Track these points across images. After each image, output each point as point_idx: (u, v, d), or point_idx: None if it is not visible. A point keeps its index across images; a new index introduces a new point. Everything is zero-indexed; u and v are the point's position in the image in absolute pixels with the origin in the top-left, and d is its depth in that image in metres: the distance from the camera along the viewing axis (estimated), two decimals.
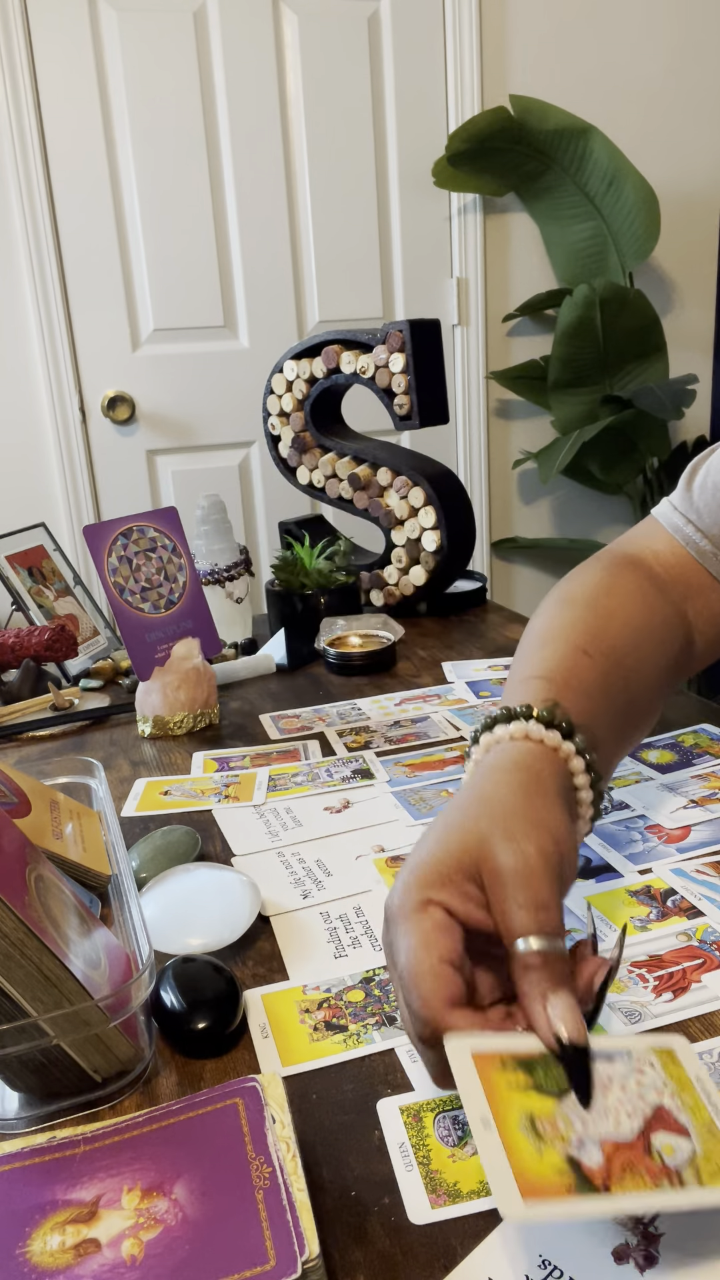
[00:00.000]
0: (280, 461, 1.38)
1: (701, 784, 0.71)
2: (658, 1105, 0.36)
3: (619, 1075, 0.37)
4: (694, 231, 2.49)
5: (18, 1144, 0.40)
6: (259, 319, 2.28)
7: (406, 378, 1.19)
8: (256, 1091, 0.41)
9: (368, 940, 0.56)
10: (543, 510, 2.60)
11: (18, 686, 1.02)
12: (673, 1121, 0.35)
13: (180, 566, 0.97)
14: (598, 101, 2.32)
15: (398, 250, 2.34)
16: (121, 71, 2.07)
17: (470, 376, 2.43)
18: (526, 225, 2.37)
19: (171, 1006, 0.48)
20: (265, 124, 2.18)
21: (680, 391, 2.08)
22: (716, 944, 0.52)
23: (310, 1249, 0.34)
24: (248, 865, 0.66)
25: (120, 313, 2.19)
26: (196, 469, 2.32)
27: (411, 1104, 0.43)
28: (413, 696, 0.96)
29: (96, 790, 0.70)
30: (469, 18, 2.21)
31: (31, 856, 0.49)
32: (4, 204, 2.06)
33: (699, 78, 2.40)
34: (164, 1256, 0.34)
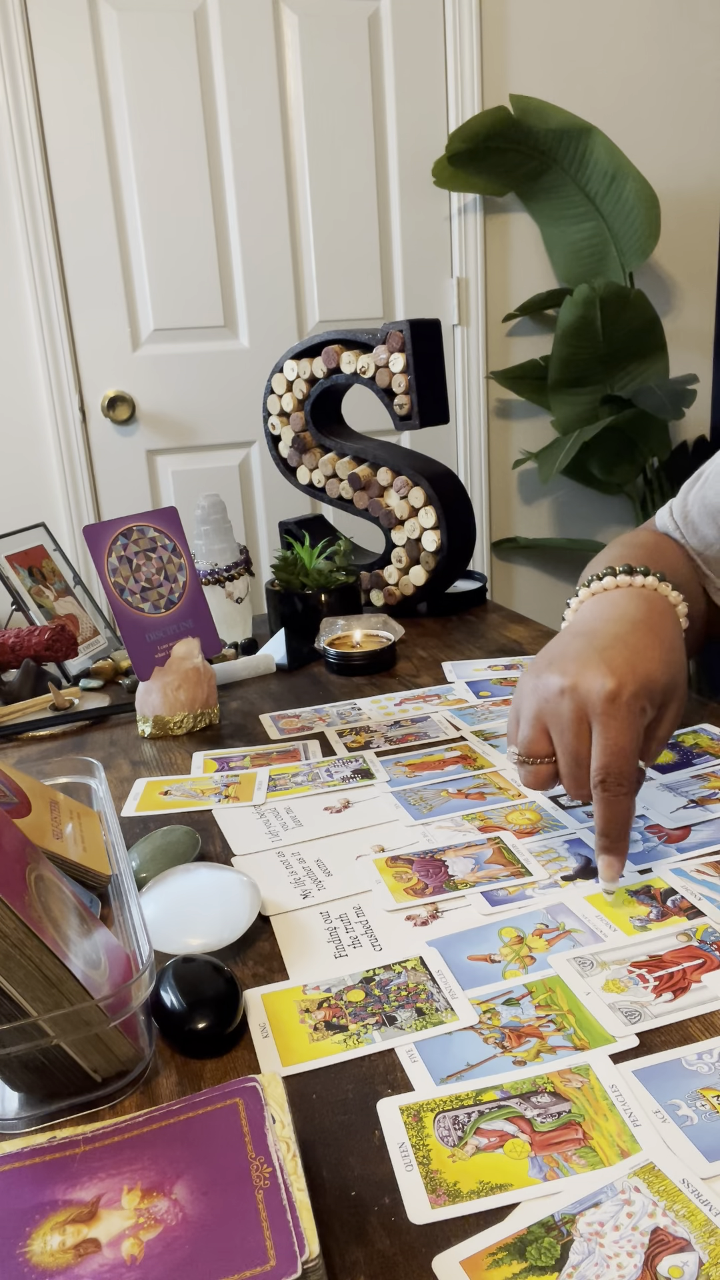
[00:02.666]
0: (280, 461, 1.38)
1: (701, 784, 0.71)
2: (654, 1228, 0.36)
3: (609, 1218, 0.36)
4: (694, 231, 2.49)
5: (18, 1144, 0.40)
6: (259, 319, 2.28)
7: (407, 378, 1.19)
8: (256, 1091, 0.41)
9: (368, 940, 0.56)
10: (543, 510, 2.60)
11: (18, 686, 1.02)
12: (672, 1239, 0.35)
13: (180, 566, 0.97)
14: (598, 101, 2.32)
15: (398, 250, 2.34)
16: (121, 71, 2.07)
17: (470, 376, 2.43)
18: (526, 225, 2.37)
19: (171, 1006, 0.48)
20: (265, 124, 2.18)
21: (680, 391, 2.08)
22: (716, 944, 0.52)
23: (310, 1249, 0.34)
24: (248, 865, 0.66)
25: (120, 313, 2.19)
26: (196, 469, 2.32)
27: (411, 1104, 0.43)
28: (413, 696, 0.96)
29: (96, 790, 0.70)
30: (469, 18, 2.21)
31: (31, 856, 0.49)
32: (4, 204, 2.06)
33: (699, 78, 2.40)
34: (164, 1256, 0.34)
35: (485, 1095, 0.43)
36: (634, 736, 0.55)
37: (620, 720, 0.54)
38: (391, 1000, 0.50)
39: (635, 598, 0.63)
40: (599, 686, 0.55)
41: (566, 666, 0.57)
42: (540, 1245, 0.36)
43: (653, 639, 0.59)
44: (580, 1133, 0.41)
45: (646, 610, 0.62)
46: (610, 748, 0.54)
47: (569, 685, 0.56)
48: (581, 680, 0.56)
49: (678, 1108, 0.41)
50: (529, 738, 0.59)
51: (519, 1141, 0.40)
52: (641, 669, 0.56)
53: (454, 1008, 0.49)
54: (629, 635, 0.59)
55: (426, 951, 0.54)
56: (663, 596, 0.64)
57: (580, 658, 0.57)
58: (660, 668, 0.57)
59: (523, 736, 0.59)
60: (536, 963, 0.52)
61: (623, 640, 0.58)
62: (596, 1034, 0.46)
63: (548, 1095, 0.43)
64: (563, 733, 0.57)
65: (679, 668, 0.59)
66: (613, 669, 0.56)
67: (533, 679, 0.59)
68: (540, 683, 0.58)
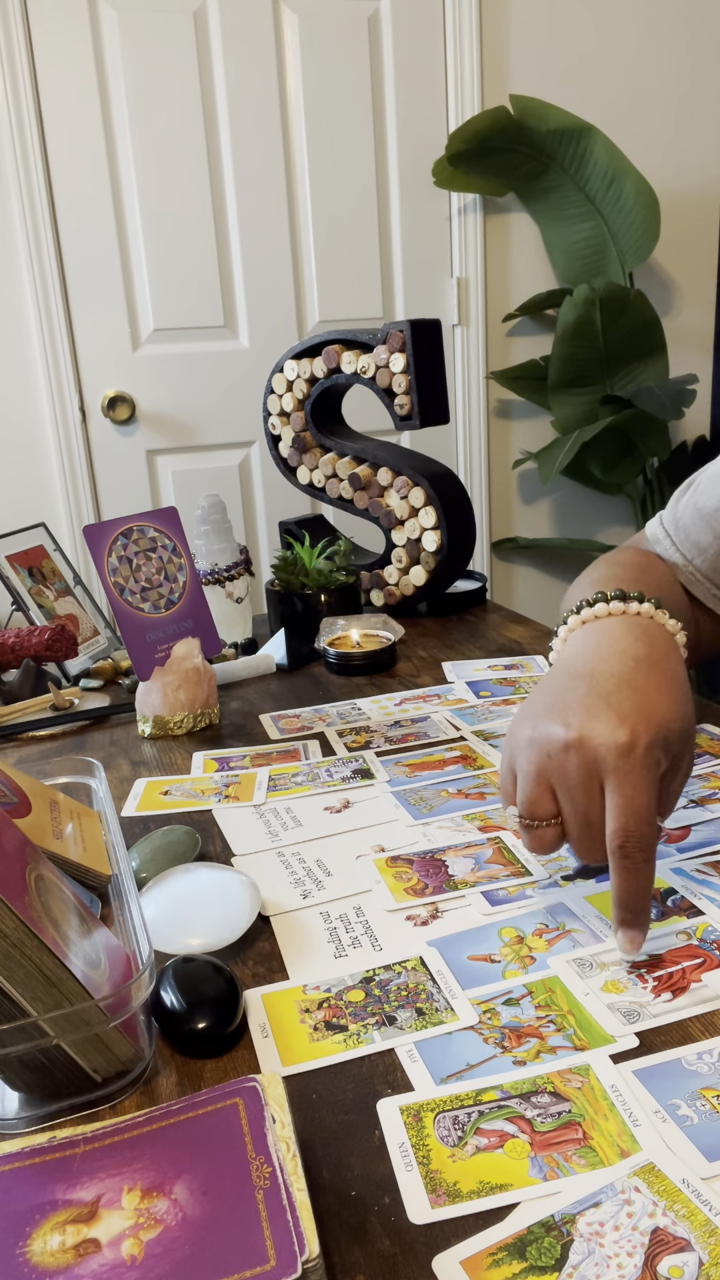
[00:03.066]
0: (280, 461, 1.38)
1: (701, 784, 0.71)
2: (654, 1228, 0.36)
3: (609, 1217, 0.36)
4: (694, 231, 2.49)
5: (18, 1144, 0.40)
6: (259, 319, 2.28)
7: (407, 378, 1.19)
8: (256, 1091, 0.41)
9: (367, 940, 0.56)
10: (543, 510, 2.60)
11: (18, 686, 1.02)
12: (672, 1239, 0.35)
13: (180, 566, 0.97)
14: (598, 101, 2.32)
15: (398, 250, 2.34)
16: (121, 71, 2.07)
17: (470, 376, 2.43)
18: (526, 225, 2.37)
19: (171, 1006, 0.48)
20: (265, 124, 2.18)
21: (680, 391, 2.08)
22: (716, 943, 0.52)
23: (310, 1249, 0.34)
24: (248, 865, 0.66)
25: (120, 313, 2.19)
26: (196, 469, 2.32)
27: (411, 1104, 0.43)
28: (413, 696, 0.96)
29: (96, 790, 0.70)
30: (469, 18, 2.21)
31: (31, 856, 0.49)
32: (4, 204, 2.06)
33: (699, 78, 2.40)
34: (164, 1256, 0.34)
35: (485, 1095, 0.43)
36: (652, 794, 0.49)
37: (637, 776, 0.48)
38: (391, 1000, 0.50)
39: (633, 629, 0.57)
40: (611, 739, 0.49)
41: (569, 716, 0.51)
42: (540, 1245, 0.36)
43: (660, 678, 0.53)
44: (580, 1133, 0.41)
45: (649, 644, 0.55)
46: (628, 809, 0.48)
47: (574, 739, 0.50)
48: (589, 732, 0.50)
49: (678, 1108, 0.41)
50: (531, 798, 0.52)
51: (519, 1141, 0.40)
52: (655, 716, 0.50)
53: (454, 1008, 0.49)
54: (634, 676, 0.52)
55: (426, 951, 0.54)
56: (661, 626, 0.57)
57: (584, 705, 0.51)
58: (674, 712, 0.51)
59: (524, 796, 0.52)
60: (536, 963, 0.52)
61: (629, 683, 0.52)
62: (596, 1034, 0.46)
63: (548, 1095, 0.43)
64: (572, 793, 0.50)
65: (690, 710, 0.53)
66: (624, 718, 0.49)
67: (529, 728, 0.53)
68: (540, 734, 0.51)
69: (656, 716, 0.50)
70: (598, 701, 0.51)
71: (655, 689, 0.52)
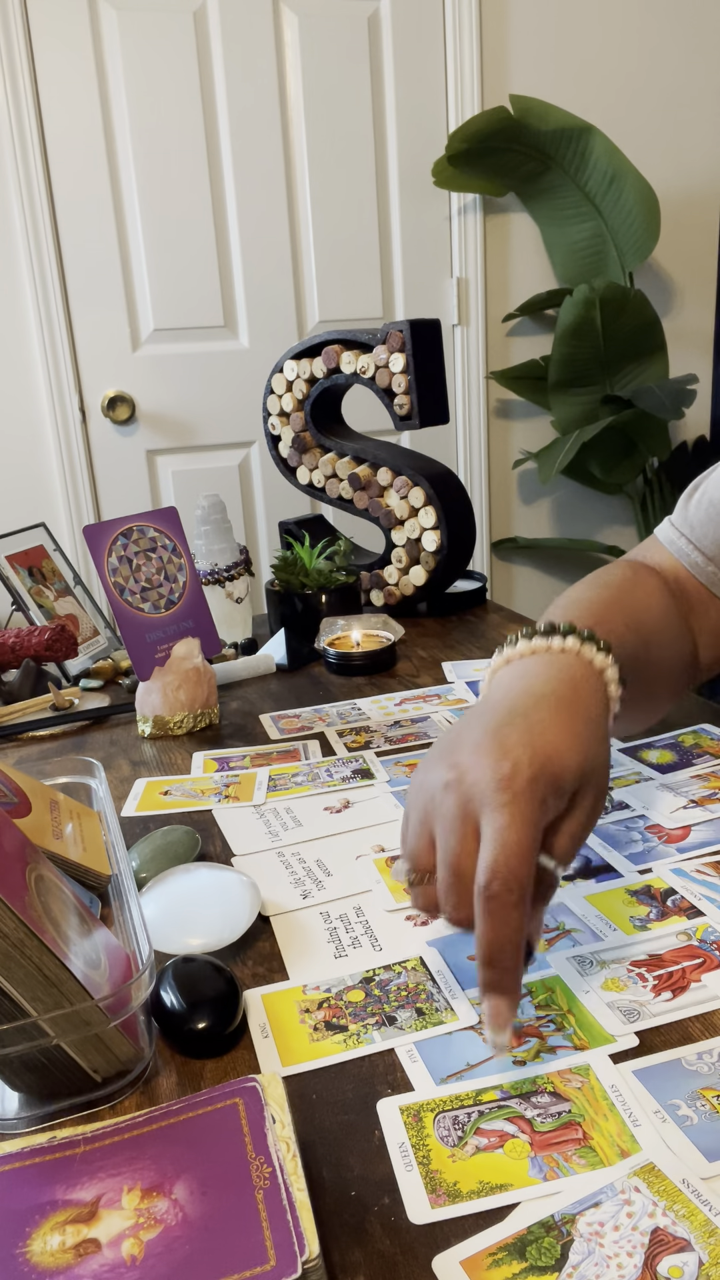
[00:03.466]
0: (280, 461, 1.38)
1: (701, 784, 0.71)
2: (654, 1228, 0.36)
3: (609, 1217, 0.36)
4: (694, 231, 2.49)
5: (18, 1144, 0.40)
6: (259, 319, 2.28)
7: (407, 378, 1.19)
8: (256, 1091, 0.41)
9: (367, 940, 0.56)
10: (543, 510, 2.60)
11: (18, 686, 1.02)
12: (672, 1239, 0.35)
13: (180, 566, 0.97)
14: (598, 101, 2.32)
15: (398, 250, 2.34)
16: (121, 71, 2.07)
17: (470, 376, 2.43)
18: (526, 225, 2.37)
19: (171, 1006, 0.48)
20: (265, 124, 2.18)
21: (680, 391, 2.08)
22: (716, 944, 0.52)
23: (310, 1249, 0.34)
24: (248, 865, 0.66)
25: (120, 313, 2.19)
26: (196, 469, 2.32)
27: (411, 1104, 0.43)
28: (413, 696, 0.96)
29: (96, 790, 0.70)
30: (469, 18, 2.21)
31: (31, 856, 0.49)
32: (4, 204, 2.06)
33: (699, 78, 2.40)
34: (164, 1256, 0.34)
35: (485, 1095, 0.43)
36: (530, 831, 0.43)
37: (513, 809, 0.43)
38: (391, 1000, 0.50)
39: (550, 666, 0.52)
40: (489, 772, 0.44)
41: (456, 756, 0.47)
42: (540, 1245, 0.36)
43: (561, 713, 0.48)
44: (580, 1133, 0.41)
45: (558, 680, 0.50)
46: (497, 842, 0.42)
47: (454, 778, 0.45)
48: (469, 769, 0.45)
49: (678, 1108, 0.41)
50: (415, 848, 0.47)
51: (519, 1141, 0.40)
52: (543, 749, 0.45)
53: (454, 1008, 0.49)
54: (532, 710, 0.47)
55: (426, 951, 0.54)
56: (585, 662, 0.52)
57: (471, 743, 0.46)
58: (568, 746, 0.46)
59: (407, 848, 0.48)
60: (536, 962, 0.52)
61: (523, 716, 0.47)
62: (596, 1034, 0.46)
63: (548, 1095, 0.43)
64: (444, 836, 0.45)
65: (597, 747, 0.48)
66: (506, 751, 0.45)
67: (421, 773, 0.49)
68: (427, 778, 0.48)
69: (545, 749, 0.45)
70: (484, 737, 0.46)
71: (551, 723, 0.47)
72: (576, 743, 0.46)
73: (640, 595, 0.66)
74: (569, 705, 0.49)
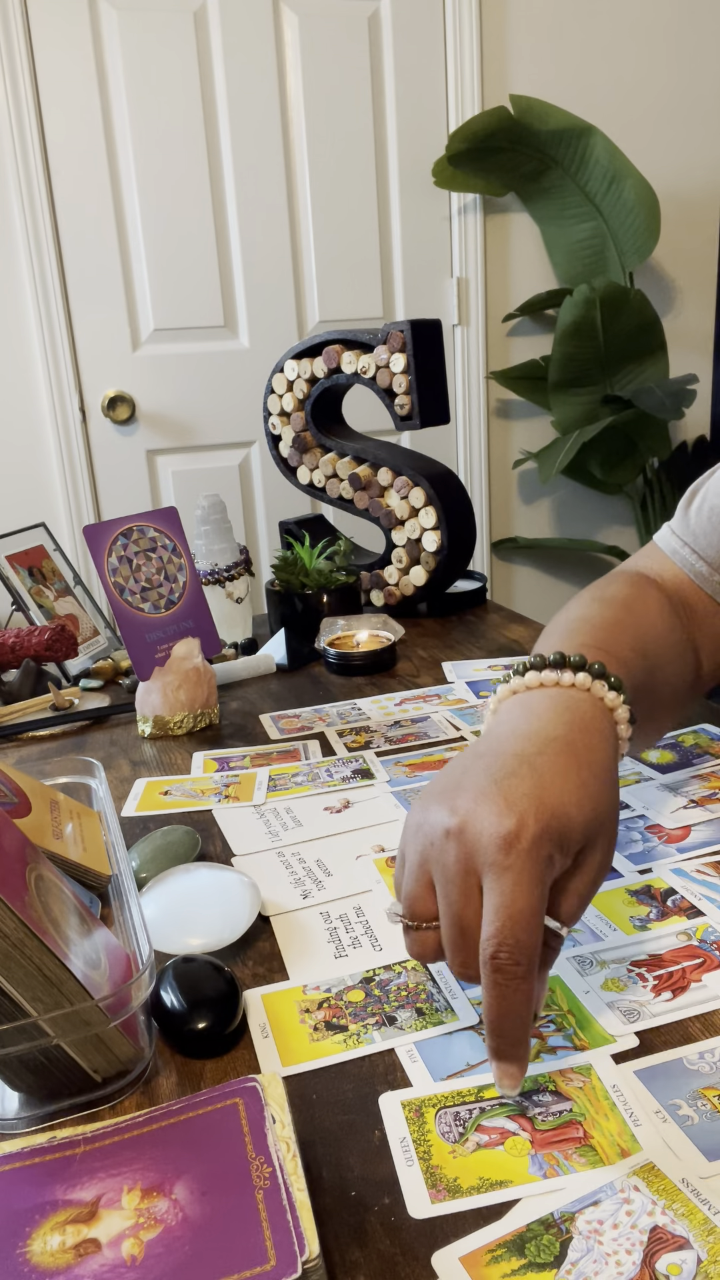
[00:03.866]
0: (281, 461, 1.38)
1: (701, 784, 0.71)
2: (653, 1226, 0.36)
3: (608, 1215, 0.36)
4: (694, 231, 2.49)
5: (18, 1144, 0.40)
6: (259, 319, 2.28)
7: (407, 378, 1.19)
8: (256, 1091, 0.41)
9: (368, 940, 0.56)
10: (543, 510, 2.60)
11: (18, 686, 1.02)
12: (671, 1237, 0.35)
13: (180, 566, 0.97)
14: (598, 101, 2.32)
15: (398, 250, 2.34)
16: (121, 71, 2.07)
17: (470, 376, 2.43)
18: (526, 225, 2.37)
19: (171, 1006, 0.48)
20: (265, 124, 2.18)
21: (680, 391, 2.08)
22: (716, 944, 0.52)
23: (310, 1249, 0.34)
24: (248, 865, 0.66)
25: (120, 313, 2.19)
26: (196, 469, 2.33)
27: (413, 1099, 0.43)
28: (413, 696, 0.96)
29: (96, 790, 0.70)
30: (469, 18, 2.21)
31: (31, 856, 0.49)
32: (4, 204, 2.06)
33: (699, 78, 2.40)
34: (164, 1256, 0.34)
35: (487, 1092, 0.43)
36: (535, 894, 0.41)
37: (517, 874, 0.41)
38: (391, 1000, 0.50)
39: (558, 705, 0.49)
40: (491, 828, 0.42)
41: (458, 800, 0.44)
42: (539, 1242, 0.36)
43: (570, 762, 0.45)
44: (581, 1131, 0.41)
45: (569, 723, 0.48)
46: (504, 911, 0.41)
47: (456, 826, 0.43)
48: (472, 819, 0.43)
49: (678, 1107, 0.41)
50: (412, 893, 0.45)
51: (520, 1139, 0.40)
52: (550, 803, 0.43)
53: (454, 1008, 0.49)
54: (538, 758, 0.45)
55: None
56: (595, 700, 0.50)
57: (475, 789, 0.44)
58: (577, 801, 0.44)
59: (405, 891, 0.46)
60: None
61: (529, 764, 0.45)
62: (596, 1034, 0.46)
63: (549, 1094, 0.43)
64: (447, 889, 0.43)
65: (606, 798, 0.46)
66: (511, 805, 0.43)
67: (419, 812, 0.46)
68: (426, 819, 0.45)
69: (552, 804, 0.43)
70: (489, 785, 0.44)
71: (559, 773, 0.45)
72: (584, 795, 0.44)
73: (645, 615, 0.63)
74: (578, 753, 0.46)
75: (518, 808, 0.43)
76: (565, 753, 0.46)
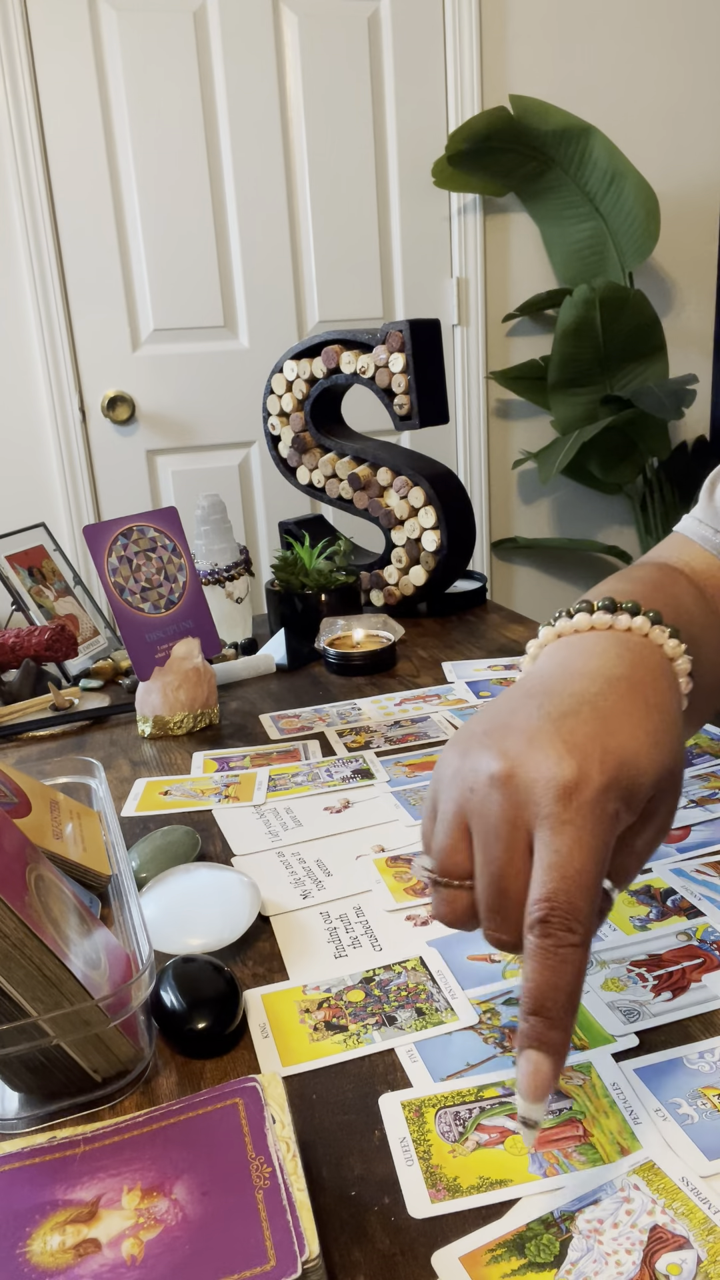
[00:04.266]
0: (280, 461, 1.38)
1: (701, 784, 0.71)
2: (652, 1225, 0.36)
3: (608, 1214, 0.36)
4: (694, 231, 2.49)
5: (18, 1144, 0.40)
6: (259, 319, 2.28)
7: (406, 378, 1.19)
8: (256, 1091, 0.41)
9: (367, 940, 0.56)
10: (543, 510, 2.60)
11: (18, 686, 1.02)
12: (671, 1236, 0.35)
13: (180, 566, 0.97)
14: (598, 101, 2.32)
15: (398, 250, 2.34)
16: (121, 71, 2.07)
17: (470, 376, 2.43)
18: (526, 225, 2.37)
19: (171, 1006, 0.48)
20: (265, 124, 2.18)
21: (680, 391, 2.08)
22: (716, 944, 0.52)
23: (310, 1249, 0.34)
24: (248, 865, 0.66)
25: (120, 313, 2.19)
26: (196, 469, 2.33)
27: (413, 1099, 0.43)
28: (413, 696, 0.96)
29: (96, 790, 0.70)
30: (469, 18, 2.21)
31: (31, 856, 0.49)
32: (4, 204, 2.06)
33: (699, 78, 2.40)
34: (164, 1256, 0.34)
35: (487, 1091, 0.43)
36: (598, 854, 0.36)
37: (578, 828, 0.36)
38: (391, 1000, 0.50)
39: (616, 645, 0.44)
40: (549, 774, 0.37)
41: (506, 742, 0.39)
42: (539, 1242, 0.36)
43: (637, 703, 0.40)
44: (581, 1130, 0.41)
45: (631, 664, 0.42)
46: (559, 870, 0.35)
47: (503, 771, 0.38)
48: (524, 764, 0.37)
49: (678, 1106, 0.41)
50: (444, 845, 0.40)
51: (520, 1138, 0.40)
52: (618, 750, 0.38)
53: (454, 1008, 0.49)
54: (600, 698, 0.40)
55: (426, 951, 0.54)
56: (655, 646, 0.44)
57: (527, 730, 0.39)
58: (646, 746, 0.38)
59: (437, 843, 0.41)
60: None
61: (591, 705, 0.39)
62: (596, 1033, 0.46)
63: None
64: (487, 842, 0.38)
65: (677, 749, 0.40)
66: (573, 748, 0.37)
67: (457, 755, 0.40)
68: (466, 764, 0.39)
69: (619, 751, 0.38)
70: (545, 725, 0.38)
71: (626, 715, 0.39)
72: (654, 743, 0.39)
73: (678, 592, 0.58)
74: (645, 695, 0.41)
75: (580, 753, 0.37)
76: (631, 693, 0.40)
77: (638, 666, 0.42)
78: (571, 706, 0.39)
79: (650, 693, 0.41)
